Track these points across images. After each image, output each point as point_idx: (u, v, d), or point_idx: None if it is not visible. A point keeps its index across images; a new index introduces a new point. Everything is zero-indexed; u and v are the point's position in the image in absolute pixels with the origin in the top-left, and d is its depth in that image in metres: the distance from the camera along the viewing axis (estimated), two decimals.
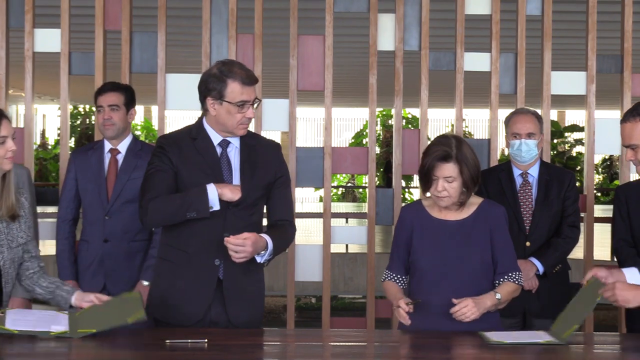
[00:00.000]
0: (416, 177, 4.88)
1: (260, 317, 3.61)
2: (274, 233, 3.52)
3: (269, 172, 3.58)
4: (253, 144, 3.59)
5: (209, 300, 3.48)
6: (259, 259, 3.44)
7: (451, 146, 3.40)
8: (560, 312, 3.41)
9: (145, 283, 4.27)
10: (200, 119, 3.59)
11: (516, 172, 4.46)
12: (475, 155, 3.48)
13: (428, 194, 3.55)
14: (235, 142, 3.57)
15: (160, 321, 3.54)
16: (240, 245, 3.31)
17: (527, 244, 4.38)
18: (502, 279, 3.47)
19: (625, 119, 3.46)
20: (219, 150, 3.54)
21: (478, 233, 3.47)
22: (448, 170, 3.39)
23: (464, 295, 3.38)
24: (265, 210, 3.65)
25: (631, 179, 4.90)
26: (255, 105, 3.51)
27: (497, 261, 3.47)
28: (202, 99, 3.52)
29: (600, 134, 5.30)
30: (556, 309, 4.39)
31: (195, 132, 3.56)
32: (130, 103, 4.51)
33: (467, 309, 3.31)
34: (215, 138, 3.54)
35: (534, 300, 4.37)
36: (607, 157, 22.21)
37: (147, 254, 4.41)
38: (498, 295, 3.41)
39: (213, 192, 3.40)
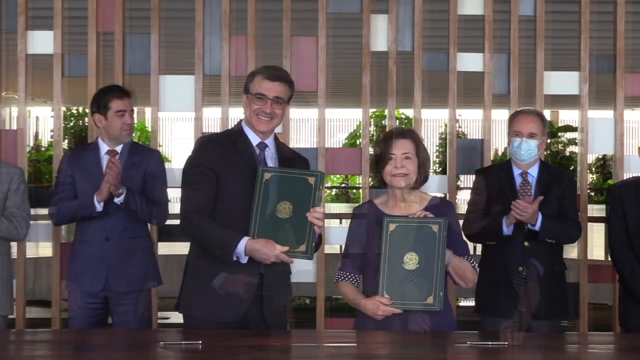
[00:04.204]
0: None
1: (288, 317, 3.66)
2: None
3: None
4: (284, 157, 3.64)
5: (249, 299, 3.49)
6: None
7: (407, 129, 3.60)
8: (553, 311, 3.39)
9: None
10: (239, 122, 3.65)
11: (516, 171, 4.42)
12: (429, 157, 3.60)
13: (383, 192, 3.64)
14: (270, 146, 3.62)
15: (192, 318, 3.52)
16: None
17: (526, 243, 4.34)
18: None
19: None
20: (257, 151, 3.58)
21: None
22: (405, 146, 3.51)
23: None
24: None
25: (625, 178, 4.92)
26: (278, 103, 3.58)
27: (452, 249, 3.50)
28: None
29: (594, 133, 5.31)
30: (553, 309, 4.41)
31: (235, 136, 3.59)
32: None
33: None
34: (254, 139, 3.59)
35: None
36: (600, 157, 22.21)
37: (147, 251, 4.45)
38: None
39: (241, 248, 3.39)
